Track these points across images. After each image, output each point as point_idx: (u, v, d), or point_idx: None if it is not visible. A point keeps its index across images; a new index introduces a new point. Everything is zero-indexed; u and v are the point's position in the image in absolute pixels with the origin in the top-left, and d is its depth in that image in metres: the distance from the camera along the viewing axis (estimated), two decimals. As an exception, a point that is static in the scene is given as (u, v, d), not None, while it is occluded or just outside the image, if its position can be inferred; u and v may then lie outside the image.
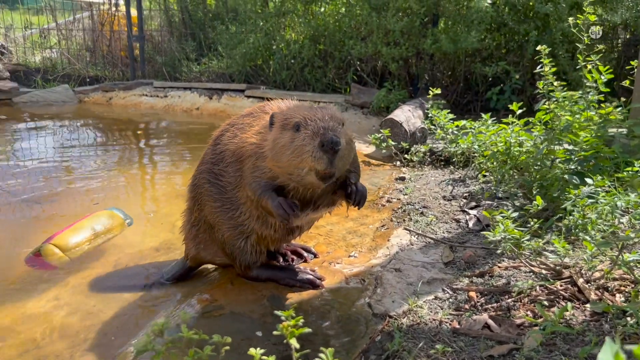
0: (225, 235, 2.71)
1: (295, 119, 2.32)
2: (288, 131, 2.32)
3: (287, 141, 2.30)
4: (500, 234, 2.51)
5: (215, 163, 2.69)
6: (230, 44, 9.67)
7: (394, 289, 2.64)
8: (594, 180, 3.04)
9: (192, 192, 2.86)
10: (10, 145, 6.43)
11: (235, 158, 2.62)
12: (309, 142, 2.23)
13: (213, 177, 2.68)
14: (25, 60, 10.98)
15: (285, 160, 2.32)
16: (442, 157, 5.43)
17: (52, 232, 3.49)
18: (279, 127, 2.39)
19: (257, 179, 2.49)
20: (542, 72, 3.83)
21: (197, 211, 2.82)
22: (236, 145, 2.64)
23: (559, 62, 7.34)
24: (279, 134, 2.36)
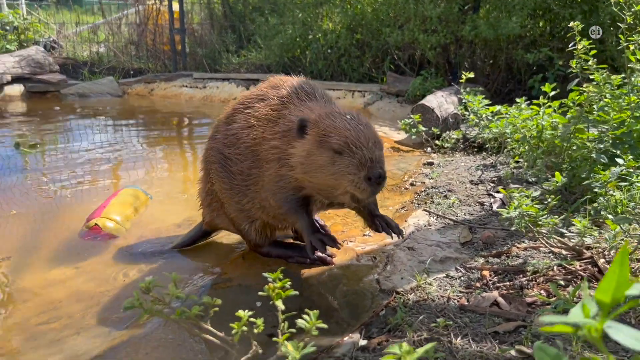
0: (232, 215, 2.72)
1: (336, 140, 2.15)
2: (327, 151, 2.18)
3: (326, 162, 2.17)
4: (515, 210, 2.41)
5: (227, 145, 2.61)
6: (269, 35, 9.74)
7: (405, 266, 2.58)
8: (625, 160, 2.88)
9: (205, 165, 2.84)
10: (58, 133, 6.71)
11: (251, 154, 2.49)
12: (355, 171, 2.12)
13: (223, 160, 2.62)
14: (74, 54, 11.42)
15: (322, 179, 2.23)
16: (475, 144, 5.28)
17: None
18: (315, 141, 2.22)
19: (282, 189, 2.38)
20: (574, 49, 3.65)
21: (210, 183, 2.82)
22: (253, 141, 2.49)
23: (607, 47, 7.01)
24: (316, 150, 2.21)
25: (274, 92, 2.57)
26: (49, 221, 3.62)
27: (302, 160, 2.26)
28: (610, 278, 0.84)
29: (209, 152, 2.78)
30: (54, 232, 3.42)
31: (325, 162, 2.18)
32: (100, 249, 3.14)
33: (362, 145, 2.14)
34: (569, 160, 3.32)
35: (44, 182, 4.44)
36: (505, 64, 7.87)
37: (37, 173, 4.75)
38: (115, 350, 1.98)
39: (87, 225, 3.41)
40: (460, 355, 1.83)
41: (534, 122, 3.91)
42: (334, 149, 2.15)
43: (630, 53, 3.69)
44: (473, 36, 7.50)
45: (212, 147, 2.74)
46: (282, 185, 2.38)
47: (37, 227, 3.51)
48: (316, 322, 1.53)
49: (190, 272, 2.74)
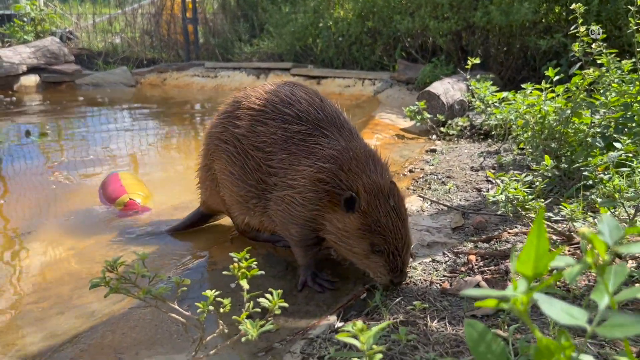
0: (226, 198, 2.69)
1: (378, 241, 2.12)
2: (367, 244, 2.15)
3: (361, 252, 2.17)
4: (502, 194, 2.37)
5: (248, 138, 2.48)
6: (280, 23, 9.72)
7: (391, 250, 2.56)
8: (623, 143, 2.80)
9: (209, 140, 2.71)
10: (69, 121, 6.82)
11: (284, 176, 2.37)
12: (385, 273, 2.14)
13: (240, 148, 2.50)
14: (90, 45, 11.57)
15: (350, 257, 2.24)
16: (481, 131, 5.20)
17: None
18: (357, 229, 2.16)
19: (302, 226, 2.32)
20: (577, 32, 3.55)
21: (208, 159, 2.74)
22: (281, 162, 2.39)
23: (624, 33, 6.82)
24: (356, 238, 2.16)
25: (302, 113, 2.44)
26: (48, 206, 3.68)
27: (338, 233, 2.21)
28: (529, 248, 0.82)
29: (219, 129, 2.63)
30: (52, 216, 3.49)
31: (360, 251, 2.17)
32: (97, 231, 3.19)
33: (398, 253, 2.13)
34: (567, 145, 3.24)
35: (49, 170, 4.51)
36: (519, 50, 7.72)
37: (43, 160, 4.83)
38: (93, 330, 2.01)
39: (118, 203, 3.55)
40: (434, 337, 1.81)
41: (537, 108, 3.83)
42: (372, 247, 2.14)
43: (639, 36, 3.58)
44: (485, 22, 7.36)
45: (227, 128, 2.58)
46: (304, 223, 2.31)
47: (37, 212, 3.58)
48: (279, 301, 1.53)
49: (179, 255, 2.76)
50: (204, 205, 2.99)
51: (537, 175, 3.15)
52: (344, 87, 8.28)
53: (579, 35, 3.54)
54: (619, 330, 0.81)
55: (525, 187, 2.48)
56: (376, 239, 2.12)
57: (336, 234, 2.20)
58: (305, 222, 2.28)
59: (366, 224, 2.13)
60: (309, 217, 2.26)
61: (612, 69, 3.58)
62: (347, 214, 2.16)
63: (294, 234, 2.34)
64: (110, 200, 3.63)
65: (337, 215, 2.20)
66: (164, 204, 3.66)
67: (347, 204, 2.15)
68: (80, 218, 3.44)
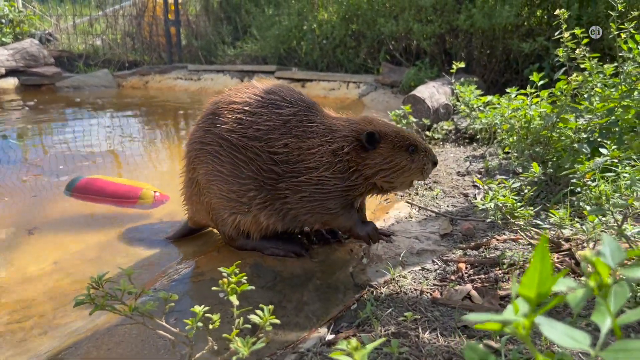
0: (212, 202, 2.65)
1: (408, 142, 2.51)
2: (405, 153, 2.50)
3: (407, 162, 2.50)
4: (491, 201, 2.36)
5: (237, 132, 2.51)
6: (264, 26, 9.67)
7: (380, 259, 2.54)
8: (609, 149, 2.82)
9: (190, 150, 2.70)
10: (48, 125, 6.69)
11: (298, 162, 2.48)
12: (427, 161, 2.54)
13: (226, 146, 2.51)
14: (70, 47, 11.39)
15: (403, 177, 2.52)
16: (466, 135, 5.22)
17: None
18: (392, 149, 2.50)
19: (347, 194, 2.51)
20: (561, 38, 3.57)
21: (191, 171, 2.72)
22: (285, 147, 2.49)
23: (604, 37, 6.91)
24: (396, 155, 2.50)
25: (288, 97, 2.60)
26: (28, 215, 3.60)
27: (384, 166, 2.49)
28: (533, 272, 0.80)
29: (200, 134, 2.62)
30: (33, 226, 3.40)
31: (406, 162, 2.50)
32: (79, 242, 3.12)
33: (421, 141, 2.56)
34: (553, 150, 3.26)
35: (29, 176, 4.41)
36: (501, 54, 7.77)
37: (22, 166, 4.73)
38: (77, 346, 1.95)
39: (143, 197, 3.75)
40: (426, 350, 1.79)
41: (522, 112, 3.85)
42: (409, 151, 2.50)
43: (622, 41, 3.62)
44: (468, 26, 7.41)
45: (208, 130, 2.59)
46: (341, 193, 2.50)
47: (16, 223, 3.49)
48: (269, 317, 1.49)
49: (165, 266, 2.71)
50: (192, 221, 2.94)
51: (524, 181, 3.16)
52: (329, 90, 8.27)
53: (564, 41, 3.57)
54: (623, 355, 0.80)
55: (513, 194, 2.48)
56: (407, 143, 2.50)
57: (385, 168, 2.48)
58: (342, 192, 2.50)
59: (393, 139, 2.49)
60: (344, 186, 2.49)
61: (595, 73, 3.61)
62: (374, 150, 2.47)
63: (333, 207, 2.51)
64: (128, 199, 3.76)
65: (368, 159, 2.48)
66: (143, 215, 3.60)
67: (369, 141, 2.46)
68: (63, 228, 3.36)
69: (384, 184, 2.53)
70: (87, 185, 3.83)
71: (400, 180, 2.53)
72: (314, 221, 2.57)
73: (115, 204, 3.74)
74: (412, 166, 2.50)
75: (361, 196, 2.59)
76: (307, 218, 2.56)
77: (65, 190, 3.94)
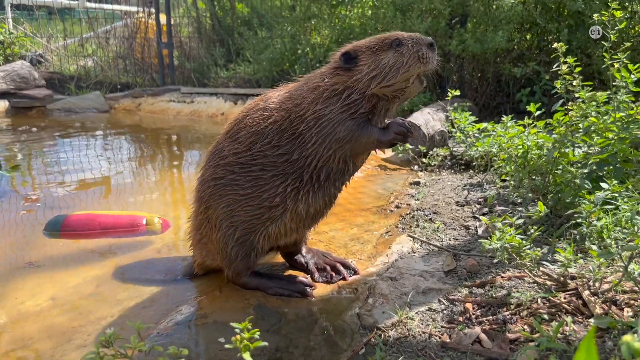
0: (238, 230, 2.61)
1: (389, 39, 2.45)
2: (389, 50, 2.43)
3: (396, 58, 2.40)
4: (497, 241, 2.35)
5: (241, 151, 2.57)
6: (257, 49, 9.71)
7: (386, 299, 2.52)
8: (610, 184, 2.84)
9: (200, 190, 2.73)
10: (40, 151, 6.62)
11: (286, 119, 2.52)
12: (418, 47, 2.41)
13: (236, 168, 2.57)
14: (61, 69, 11.34)
15: (398, 76, 2.41)
16: (462, 161, 5.24)
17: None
18: (374, 53, 2.45)
19: (352, 116, 2.46)
20: (559, 70, 3.62)
21: (203, 212, 2.73)
22: (287, 111, 2.54)
23: (593, 61, 7.03)
24: (381, 57, 2.43)
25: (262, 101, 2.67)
26: (24, 248, 3.53)
27: (373, 73, 2.42)
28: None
29: (210, 172, 2.66)
30: (29, 259, 3.34)
31: (394, 58, 2.40)
32: (76, 277, 3.06)
33: (404, 33, 2.47)
34: (553, 183, 3.28)
35: (22, 207, 4.35)
36: (493, 77, 7.87)
37: (15, 196, 4.66)
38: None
39: (149, 223, 3.80)
40: (440, 400, 1.76)
41: (520, 142, 3.87)
42: (393, 46, 2.43)
43: (615, 70, 3.68)
44: (460, 50, 7.49)
45: (217, 165, 2.63)
46: (352, 111, 2.45)
47: (11, 255, 3.42)
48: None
49: (167, 307, 2.65)
50: (200, 267, 2.89)
51: (526, 217, 3.16)
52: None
53: (561, 73, 3.61)
54: None
55: (517, 232, 2.48)
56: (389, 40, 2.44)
57: (375, 74, 2.42)
58: (341, 113, 2.46)
59: (371, 46, 2.47)
60: (340, 106, 2.46)
61: (589, 102, 3.67)
62: (356, 66, 2.46)
63: (345, 133, 2.45)
64: (135, 227, 3.78)
65: (354, 75, 2.45)
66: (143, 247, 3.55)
67: (347, 60, 2.47)
68: (58, 262, 3.30)
69: (386, 91, 2.45)
70: (80, 222, 3.75)
71: (400, 79, 2.42)
72: (341, 158, 2.51)
73: (121, 235, 3.72)
74: (404, 59, 2.40)
75: (374, 115, 2.51)
76: (333, 160, 2.51)
77: (48, 230, 3.77)
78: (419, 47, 2.41)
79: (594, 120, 3.50)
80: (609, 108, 3.67)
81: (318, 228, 3.55)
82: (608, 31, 3.69)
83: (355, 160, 2.60)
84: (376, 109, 2.50)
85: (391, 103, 2.53)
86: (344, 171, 2.57)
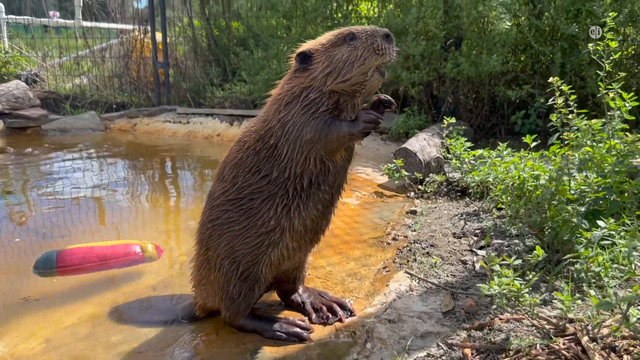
0: (241, 265, 2.59)
1: (343, 33, 2.45)
2: (343, 45, 2.42)
3: (350, 52, 2.39)
4: (496, 287, 2.35)
5: (231, 189, 2.59)
6: (253, 69, 9.73)
7: (385, 343, 2.50)
8: (607, 222, 2.85)
9: (200, 234, 2.76)
10: (37, 175, 6.59)
11: (259, 140, 2.53)
12: (373, 40, 2.38)
13: (231, 204, 2.59)
14: (56, 88, 11.32)
15: (354, 70, 2.39)
16: (458, 188, 5.25)
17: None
18: (327, 50, 2.44)
19: (314, 115, 2.44)
20: (555, 104, 3.64)
21: (204, 254, 2.73)
22: (257, 132, 2.55)
23: (587, 84, 7.09)
24: (334, 52, 2.42)
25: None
26: (15, 282, 3.49)
27: (328, 70, 2.41)
28: None
29: (207, 216, 2.70)
30: (20, 296, 3.30)
31: (348, 52, 2.39)
32: (71, 316, 3.03)
33: (358, 27, 2.47)
34: (550, 219, 3.28)
35: (15, 236, 4.31)
36: (488, 99, 7.92)
37: (7, 224, 4.62)
38: None
39: (145, 250, 3.82)
40: None
41: (516, 173, 3.89)
42: (347, 40, 2.42)
43: (609, 99, 3.71)
44: (455, 73, 7.54)
45: (210, 208, 2.67)
46: (313, 111, 2.44)
47: (6, 290, 3.38)
48: None
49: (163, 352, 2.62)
50: (202, 309, 2.86)
51: (523, 250, 3.16)
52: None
53: (557, 107, 3.63)
54: None
55: (516, 275, 2.48)
56: (342, 35, 2.44)
57: (330, 70, 2.40)
58: (303, 114, 2.44)
59: (324, 43, 2.46)
60: (301, 107, 2.44)
61: (585, 130, 3.70)
62: (311, 64, 2.46)
63: (312, 133, 2.43)
64: (133, 256, 3.79)
65: (310, 75, 2.45)
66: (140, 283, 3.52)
67: (303, 60, 2.47)
68: (53, 299, 3.27)
69: (344, 86, 2.42)
70: (77, 256, 3.71)
71: (356, 72, 2.39)
72: (316, 159, 2.49)
73: (120, 265, 3.71)
74: (359, 52, 2.38)
75: (340, 111, 2.48)
76: (309, 164, 2.49)
77: (40, 269, 3.65)
78: (374, 39, 2.39)
79: (589, 150, 3.53)
80: (604, 135, 3.71)
81: (315, 262, 3.55)
82: (603, 61, 3.72)
83: (333, 158, 2.55)
84: (340, 105, 2.48)
85: (354, 98, 2.50)
86: (325, 172, 2.55)
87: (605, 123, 3.73)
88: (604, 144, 3.66)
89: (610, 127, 3.66)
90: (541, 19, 7.44)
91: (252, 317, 2.70)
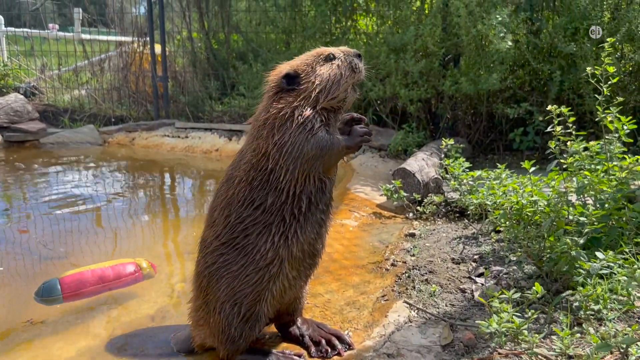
0: (243, 306, 2.56)
1: (324, 55, 2.60)
2: (325, 64, 2.57)
3: (332, 69, 2.56)
4: (495, 325, 2.34)
5: (223, 231, 2.57)
6: (252, 83, 9.74)
7: (384, 380, 2.49)
8: (605, 255, 2.85)
9: (197, 282, 2.74)
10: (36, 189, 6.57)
11: (251, 170, 2.52)
12: (350, 58, 2.61)
13: (225, 247, 2.57)
14: (55, 100, 11.31)
15: (339, 85, 2.54)
16: (457, 209, 5.25)
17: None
18: (312, 70, 2.55)
19: (312, 132, 2.48)
20: (553, 131, 3.65)
21: (203, 297, 2.70)
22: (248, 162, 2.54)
23: (585, 101, 7.12)
24: (320, 71, 2.54)
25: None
26: (13, 304, 3.48)
27: (319, 88, 2.51)
28: None
29: (202, 263, 2.69)
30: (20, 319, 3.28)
31: (333, 71, 2.55)
32: (70, 348, 3.01)
33: (335, 48, 2.67)
34: (549, 248, 3.28)
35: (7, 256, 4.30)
36: (486, 115, 7.94)
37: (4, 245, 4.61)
38: None
39: (142, 267, 3.91)
40: None
41: (515, 197, 3.89)
42: (329, 60, 2.58)
43: (607, 121, 3.74)
44: (454, 91, 7.57)
45: (204, 255, 2.67)
46: (309, 128, 2.48)
47: (4, 317, 3.36)
48: None
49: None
50: (200, 347, 2.84)
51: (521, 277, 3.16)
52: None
53: (555, 134, 3.64)
54: None
55: (515, 310, 2.48)
56: (323, 56, 2.59)
57: (317, 92, 2.50)
58: (301, 132, 2.46)
59: (309, 62, 2.56)
60: (297, 125, 2.47)
61: (583, 154, 3.72)
62: (299, 85, 2.52)
63: (312, 149, 2.46)
64: (131, 274, 3.87)
65: (300, 94, 2.50)
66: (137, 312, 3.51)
67: (290, 82, 2.53)
68: (52, 328, 3.25)
69: (332, 102, 2.54)
70: (81, 281, 3.70)
71: (341, 89, 2.55)
72: (315, 176, 2.53)
73: (123, 285, 3.78)
74: (341, 71, 2.56)
75: (329, 127, 2.56)
76: (309, 182, 2.52)
77: (45, 296, 3.61)
78: (351, 58, 2.62)
79: (587, 174, 3.55)
80: (602, 157, 3.73)
81: (313, 289, 3.54)
82: (601, 85, 3.74)
83: (329, 174, 2.62)
84: (329, 121, 2.57)
85: (338, 113, 2.62)
86: (322, 190, 2.58)
87: (603, 145, 3.76)
88: (602, 166, 3.69)
89: (608, 150, 3.69)
90: (539, 37, 7.48)
91: (249, 352, 2.68)
